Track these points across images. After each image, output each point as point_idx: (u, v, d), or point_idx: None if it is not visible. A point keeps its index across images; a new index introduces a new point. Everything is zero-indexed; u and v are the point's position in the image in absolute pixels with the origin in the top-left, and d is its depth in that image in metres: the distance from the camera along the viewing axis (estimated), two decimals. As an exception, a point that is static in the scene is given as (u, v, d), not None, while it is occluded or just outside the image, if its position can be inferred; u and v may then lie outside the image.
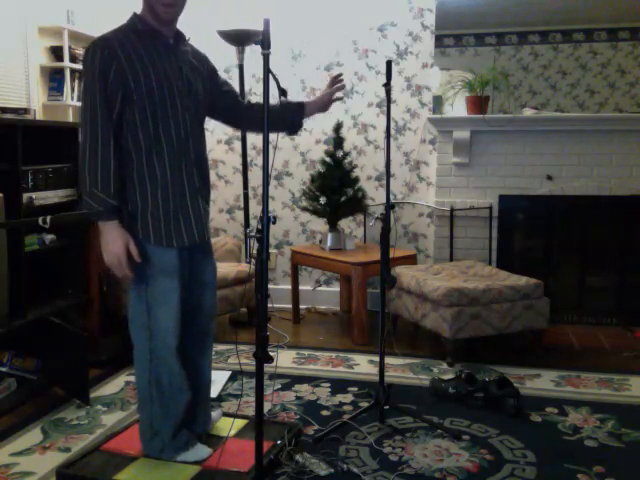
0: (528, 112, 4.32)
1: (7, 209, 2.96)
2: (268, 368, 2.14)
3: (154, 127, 2.16)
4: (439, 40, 4.48)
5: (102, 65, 2.08)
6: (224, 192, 4.93)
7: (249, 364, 3.24)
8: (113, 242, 2.12)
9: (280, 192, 4.86)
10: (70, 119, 3.97)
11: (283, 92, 2.03)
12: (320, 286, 4.82)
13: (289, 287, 4.53)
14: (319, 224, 4.71)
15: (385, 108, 2.86)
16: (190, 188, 2.25)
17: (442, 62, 4.53)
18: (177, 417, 2.34)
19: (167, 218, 2.21)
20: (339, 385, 3.25)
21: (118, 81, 2.09)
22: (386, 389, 2.79)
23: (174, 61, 2.22)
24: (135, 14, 2.22)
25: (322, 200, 4.20)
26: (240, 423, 2.65)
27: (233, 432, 2.57)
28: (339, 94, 2.59)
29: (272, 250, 4.81)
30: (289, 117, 2.52)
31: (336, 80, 2.54)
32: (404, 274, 3.84)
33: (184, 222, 2.24)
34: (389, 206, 2.72)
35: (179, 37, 2.29)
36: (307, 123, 4.72)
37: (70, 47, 3.95)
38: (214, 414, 2.66)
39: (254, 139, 4.77)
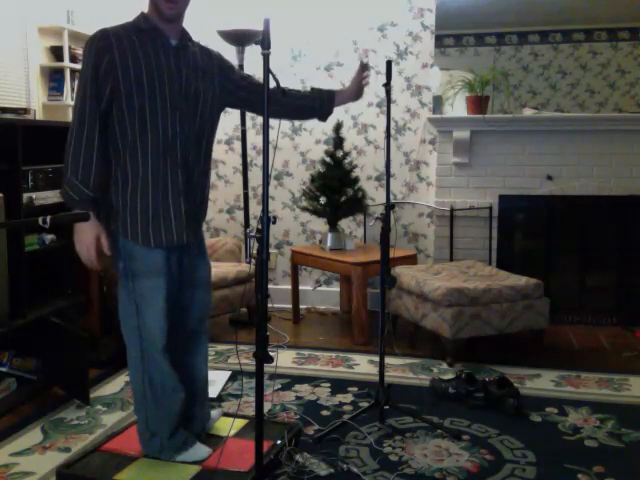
0: (528, 112, 4.32)
1: (7, 209, 2.96)
2: (268, 368, 2.14)
3: (140, 124, 2.15)
4: (439, 40, 4.48)
5: (96, 56, 2.10)
6: (224, 192, 4.93)
7: (249, 364, 3.24)
8: (84, 232, 2.13)
9: (280, 192, 4.86)
10: (70, 119, 3.96)
11: (283, 92, 2.03)
12: (320, 286, 4.82)
13: (289, 287, 4.53)
14: (319, 224, 4.71)
15: (385, 108, 2.86)
16: (173, 189, 2.21)
17: (442, 62, 4.53)
18: (173, 417, 2.34)
19: (145, 217, 2.19)
20: (339, 385, 3.25)
21: (108, 74, 2.10)
22: (386, 389, 2.79)
23: (173, 62, 2.20)
24: (142, 13, 2.23)
25: (322, 200, 4.20)
26: (240, 423, 2.65)
27: (233, 432, 2.57)
28: (367, 80, 2.67)
29: (272, 250, 4.81)
30: (320, 105, 2.60)
31: (364, 68, 2.61)
32: (404, 274, 3.84)
33: (164, 223, 2.21)
34: (389, 206, 2.73)
35: (184, 37, 2.28)
36: (307, 123, 4.73)
37: (70, 47, 3.95)
38: (214, 413, 2.66)
39: (254, 139, 4.77)
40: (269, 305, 1.99)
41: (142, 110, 2.14)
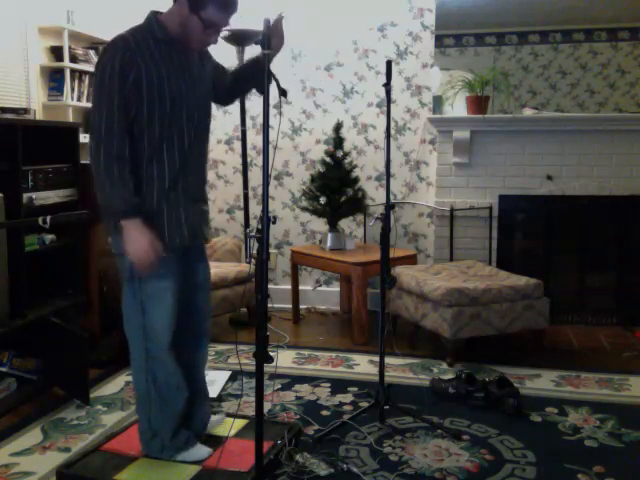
0: (528, 112, 4.32)
1: (7, 209, 2.96)
2: (268, 368, 2.14)
3: (159, 136, 2.16)
4: (439, 40, 4.48)
5: (122, 67, 2.05)
6: (224, 192, 4.93)
7: (249, 364, 3.24)
8: (139, 240, 2.09)
9: (280, 192, 4.86)
10: (70, 119, 3.97)
11: (283, 92, 2.03)
12: (320, 286, 4.82)
13: (289, 287, 4.53)
14: (319, 224, 4.71)
15: (385, 108, 2.86)
16: (186, 197, 2.25)
17: (442, 62, 4.53)
18: (176, 416, 2.35)
19: (157, 224, 2.19)
20: (339, 385, 3.25)
21: (135, 87, 2.08)
22: (386, 389, 2.79)
23: (187, 73, 2.21)
24: (155, 18, 2.16)
25: (322, 200, 4.20)
26: (240, 423, 2.65)
27: (233, 432, 2.57)
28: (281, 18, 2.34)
29: (272, 250, 4.81)
30: (253, 77, 2.40)
31: (277, 29, 2.25)
32: (404, 274, 3.84)
33: (177, 229, 2.23)
34: (389, 206, 2.73)
35: None
36: (307, 123, 4.72)
37: (70, 47, 3.95)
38: (216, 417, 2.65)
39: (254, 139, 4.77)
40: (269, 305, 1.99)
41: (162, 125, 2.15)
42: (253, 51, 4.37)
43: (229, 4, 2.10)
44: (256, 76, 2.30)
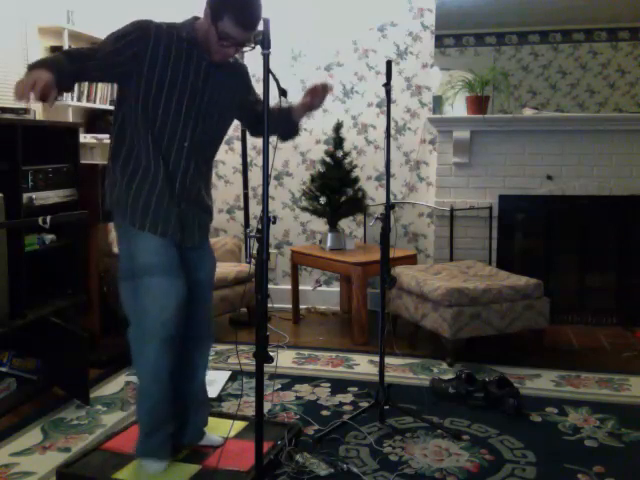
0: (528, 112, 4.32)
1: (7, 209, 2.96)
2: (268, 368, 2.14)
3: (151, 125, 2.17)
4: (439, 40, 4.48)
5: (126, 39, 2.10)
6: (224, 192, 4.93)
7: (249, 364, 3.24)
8: (41, 71, 1.98)
9: (280, 192, 4.86)
10: (70, 119, 3.96)
11: (283, 92, 2.03)
12: (320, 286, 4.81)
13: (289, 287, 4.53)
14: (319, 224, 4.71)
15: (385, 108, 2.85)
16: (171, 194, 2.23)
17: (442, 62, 4.53)
18: (152, 410, 2.30)
19: (145, 210, 2.20)
20: (339, 385, 3.25)
21: (135, 60, 2.11)
22: (386, 389, 2.79)
23: (201, 79, 2.22)
24: (192, 21, 2.23)
25: (322, 200, 4.21)
26: (240, 424, 2.65)
27: (233, 433, 2.56)
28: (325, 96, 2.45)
29: (272, 250, 4.81)
30: (283, 130, 2.48)
31: (317, 91, 2.39)
32: (404, 274, 3.84)
33: (162, 221, 2.22)
34: (389, 206, 2.73)
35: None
36: (307, 123, 4.72)
37: (70, 47, 3.95)
38: (213, 438, 2.54)
39: (254, 139, 4.76)
40: (269, 305, 1.99)
41: (155, 115, 2.17)
42: (253, 51, 4.37)
43: (245, 20, 2.11)
44: (283, 126, 2.45)
